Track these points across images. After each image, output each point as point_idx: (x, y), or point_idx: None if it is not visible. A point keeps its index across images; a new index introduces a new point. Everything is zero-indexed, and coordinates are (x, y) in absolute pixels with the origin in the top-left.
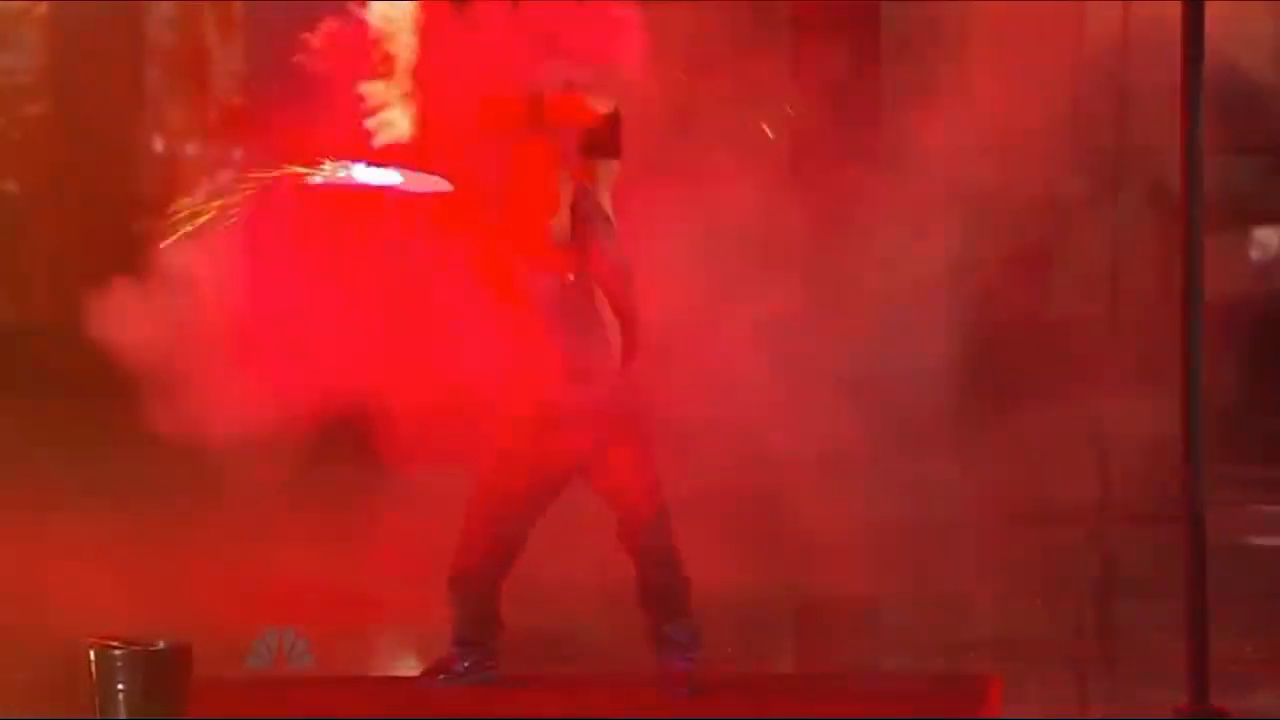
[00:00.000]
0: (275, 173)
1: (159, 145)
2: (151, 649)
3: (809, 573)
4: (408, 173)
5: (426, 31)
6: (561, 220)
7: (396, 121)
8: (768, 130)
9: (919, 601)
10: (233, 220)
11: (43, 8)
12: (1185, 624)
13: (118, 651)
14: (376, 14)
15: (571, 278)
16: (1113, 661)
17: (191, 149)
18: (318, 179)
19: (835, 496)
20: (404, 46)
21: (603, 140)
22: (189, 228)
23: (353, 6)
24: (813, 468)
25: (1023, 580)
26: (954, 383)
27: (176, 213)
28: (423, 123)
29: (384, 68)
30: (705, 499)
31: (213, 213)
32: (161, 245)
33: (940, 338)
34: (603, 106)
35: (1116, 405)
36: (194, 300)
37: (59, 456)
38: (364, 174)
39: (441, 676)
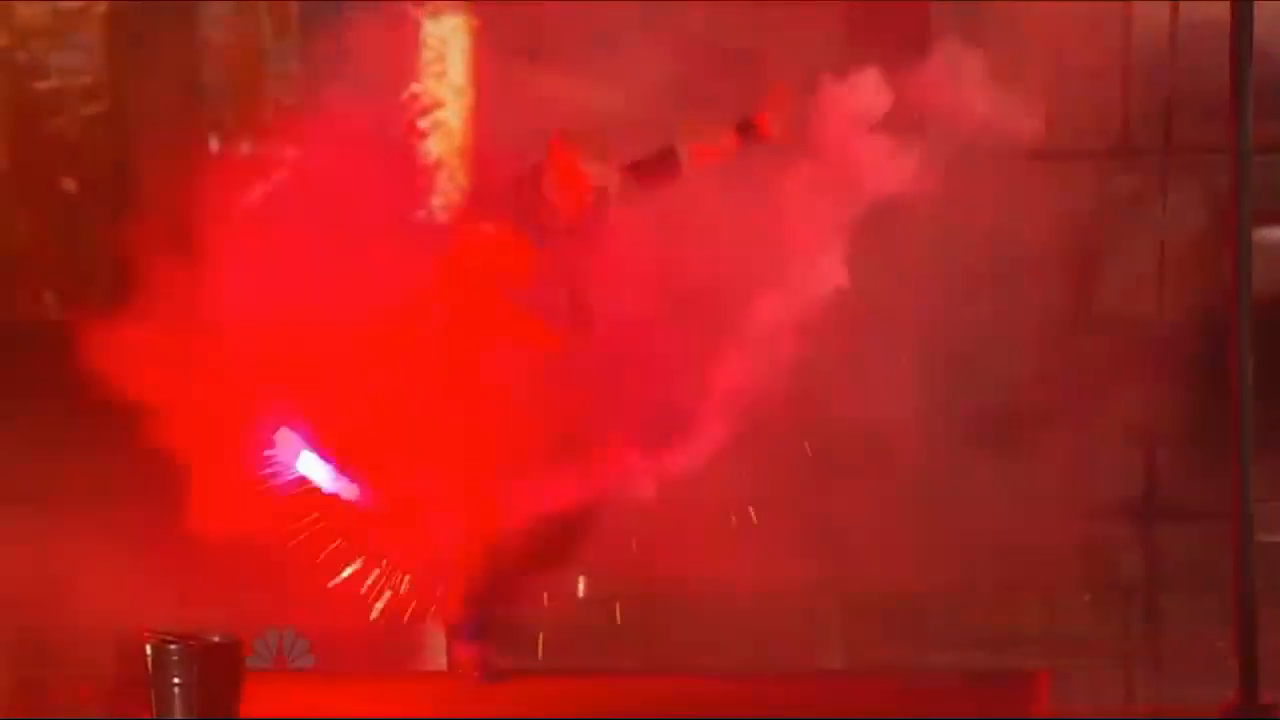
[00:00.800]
0: None
1: (214, 144)
2: (206, 643)
3: (856, 567)
4: (331, 474)
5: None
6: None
7: (449, 122)
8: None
9: (966, 596)
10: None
11: (101, 7)
12: (1234, 619)
13: (173, 646)
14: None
15: None
16: (1160, 657)
17: (246, 148)
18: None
19: (883, 488)
20: (458, 49)
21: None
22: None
23: (408, 6)
24: (861, 459)
25: (1070, 575)
26: (1001, 377)
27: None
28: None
29: (437, 67)
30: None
31: None
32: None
33: (986, 330)
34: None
35: (1164, 401)
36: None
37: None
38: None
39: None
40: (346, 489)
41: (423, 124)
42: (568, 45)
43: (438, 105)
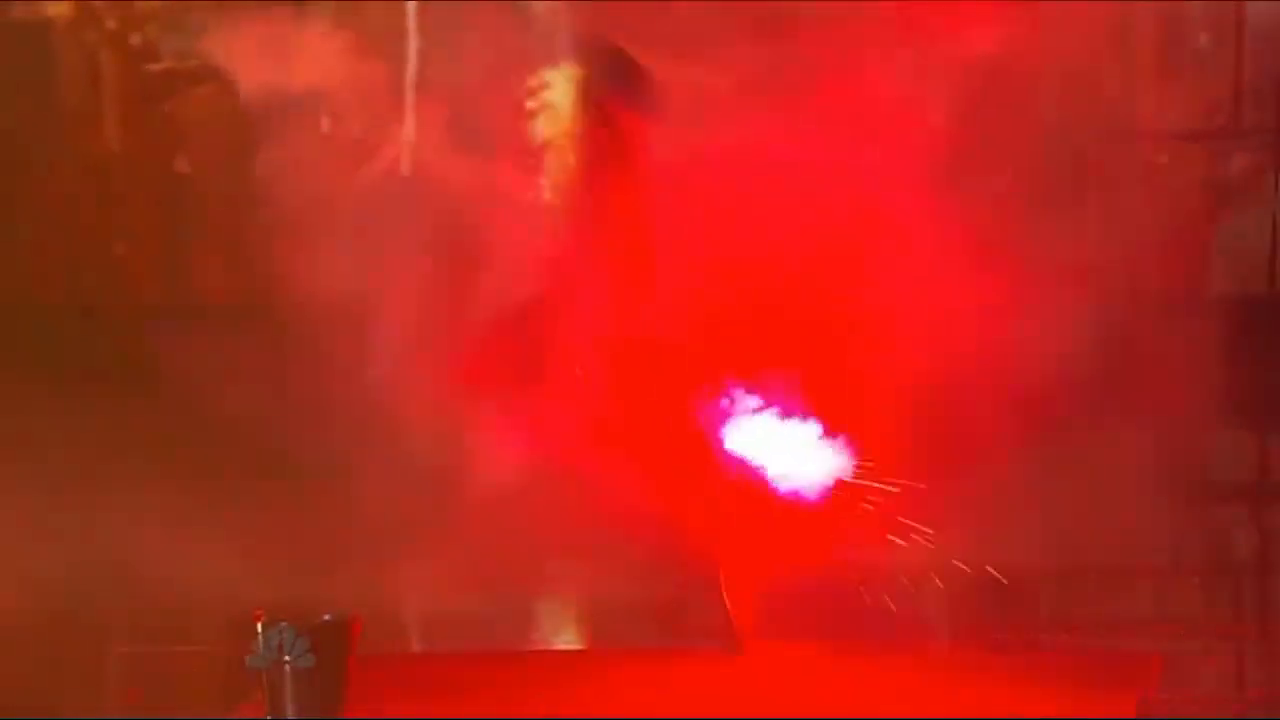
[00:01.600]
0: None
1: (324, 125)
2: (316, 623)
3: (965, 547)
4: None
5: None
6: None
7: (558, 105)
8: None
9: (1077, 577)
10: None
11: None
12: None
13: (283, 625)
14: None
15: None
16: (1272, 641)
17: (356, 129)
18: None
19: (993, 470)
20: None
21: None
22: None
23: None
24: (972, 439)
25: (1181, 559)
26: (1109, 359)
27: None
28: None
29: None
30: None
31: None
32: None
33: (1098, 313)
34: None
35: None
36: None
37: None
38: None
39: None
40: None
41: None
42: None
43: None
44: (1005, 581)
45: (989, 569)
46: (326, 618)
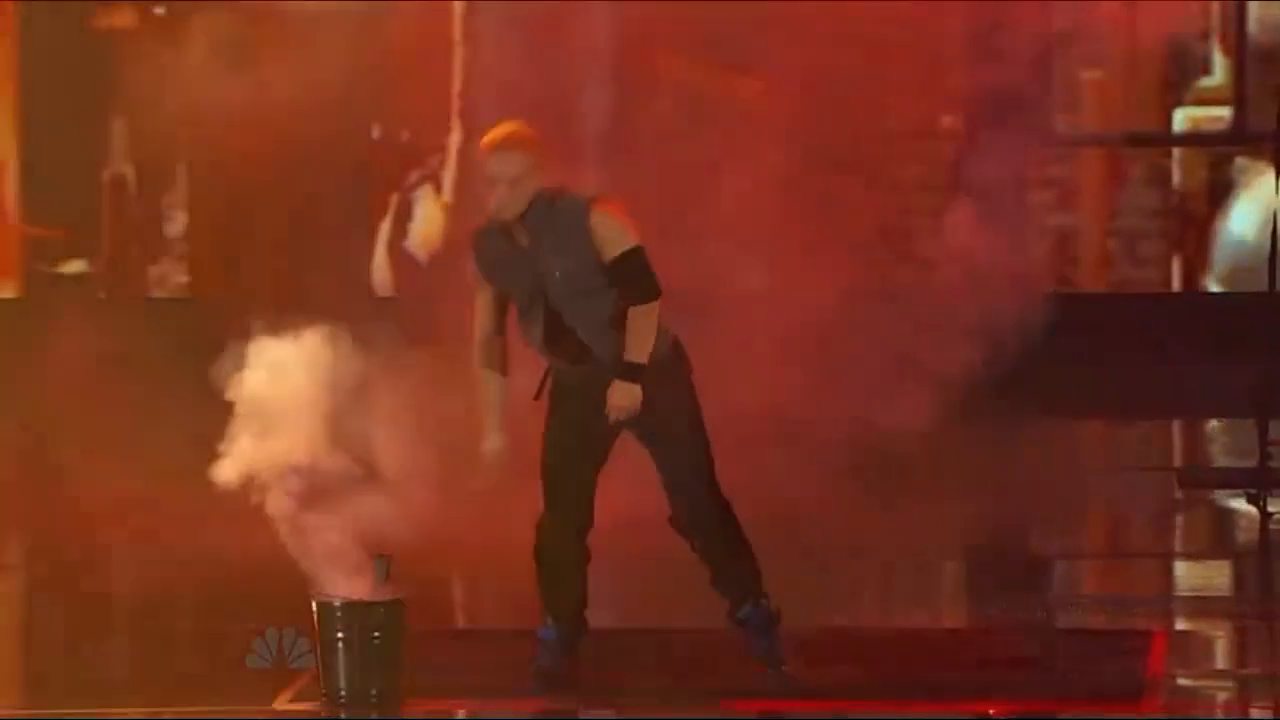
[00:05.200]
0: None
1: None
2: (368, 601)
3: (973, 529)
4: None
5: None
6: None
7: None
8: None
9: (1082, 557)
10: None
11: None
12: None
13: (336, 603)
14: None
15: None
16: (1273, 619)
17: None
18: None
19: (999, 452)
20: None
21: None
22: None
23: None
24: (986, 424)
25: (1182, 542)
26: (1115, 352)
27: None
28: None
29: None
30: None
31: None
32: None
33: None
34: None
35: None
36: None
37: None
38: None
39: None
40: None
41: None
42: None
43: None
44: None
45: None
46: (379, 598)
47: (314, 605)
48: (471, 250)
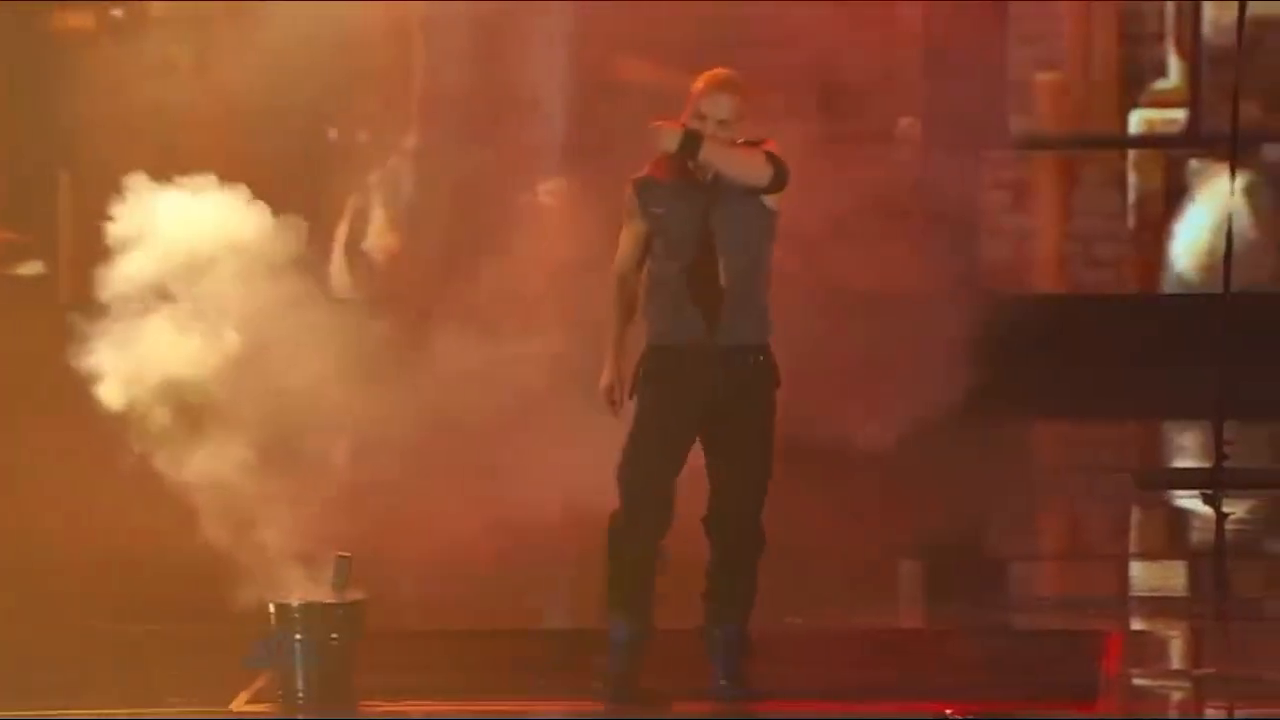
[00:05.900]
0: None
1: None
2: (326, 603)
3: (931, 529)
4: None
5: None
6: None
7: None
8: None
9: (1042, 559)
10: None
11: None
12: None
13: (295, 604)
14: None
15: None
16: (1228, 619)
17: (363, 137)
18: None
19: (959, 454)
20: None
21: None
22: None
23: None
24: (940, 424)
25: (1144, 541)
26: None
27: None
28: None
29: None
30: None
31: None
32: None
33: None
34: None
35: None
36: None
37: None
38: None
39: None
40: None
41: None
42: None
43: None
44: None
45: None
46: (337, 599)
47: (271, 606)
48: (632, 186)
